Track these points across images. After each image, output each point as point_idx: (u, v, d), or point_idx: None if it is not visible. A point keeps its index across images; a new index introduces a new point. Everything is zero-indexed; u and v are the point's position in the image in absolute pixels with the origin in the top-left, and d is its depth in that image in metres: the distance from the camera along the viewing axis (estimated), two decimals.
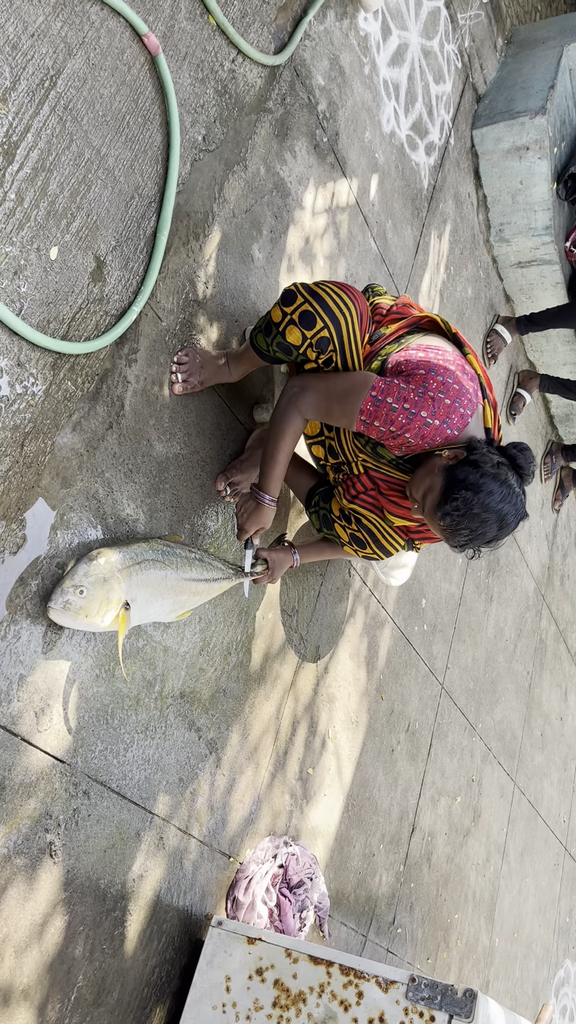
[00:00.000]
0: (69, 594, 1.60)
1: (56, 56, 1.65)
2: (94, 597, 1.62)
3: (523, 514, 1.79)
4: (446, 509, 1.73)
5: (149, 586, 1.77)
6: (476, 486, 1.70)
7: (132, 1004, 1.84)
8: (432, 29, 3.23)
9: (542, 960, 4.66)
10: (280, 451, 1.90)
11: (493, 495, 1.71)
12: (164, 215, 1.89)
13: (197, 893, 2.04)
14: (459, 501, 1.71)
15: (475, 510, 1.71)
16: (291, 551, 2.19)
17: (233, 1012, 1.84)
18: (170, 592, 1.84)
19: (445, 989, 1.69)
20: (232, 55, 2.13)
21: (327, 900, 2.46)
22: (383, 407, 1.73)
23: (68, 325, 1.68)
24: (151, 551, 1.79)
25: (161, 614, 1.85)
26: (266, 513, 1.99)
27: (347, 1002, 1.76)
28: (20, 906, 1.57)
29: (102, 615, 1.65)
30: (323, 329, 1.78)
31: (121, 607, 1.70)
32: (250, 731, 2.26)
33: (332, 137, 2.60)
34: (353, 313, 1.79)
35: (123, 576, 1.69)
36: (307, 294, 1.78)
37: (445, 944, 3.46)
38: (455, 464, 1.75)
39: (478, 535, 1.75)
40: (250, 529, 2.03)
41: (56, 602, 1.59)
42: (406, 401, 1.71)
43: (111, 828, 1.78)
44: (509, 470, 1.76)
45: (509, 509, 1.74)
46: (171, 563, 1.83)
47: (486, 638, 4.01)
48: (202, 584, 1.92)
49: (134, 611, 1.74)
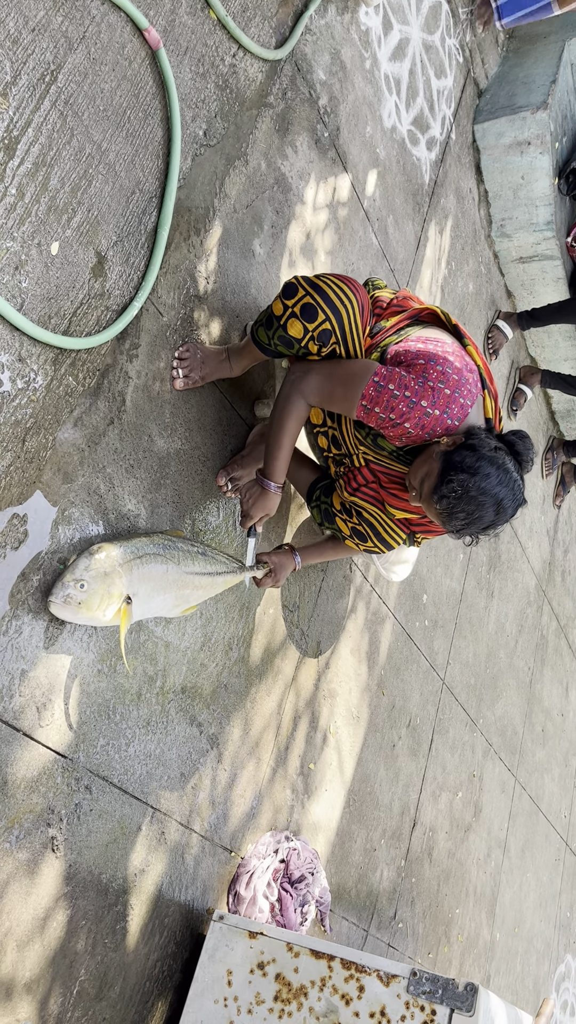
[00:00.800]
0: (70, 588, 1.59)
1: (57, 51, 1.65)
2: (95, 591, 1.62)
3: (521, 500, 1.78)
4: (443, 492, 1.72)
5: (151, 580, 1.77)
6: (473, 469, 1.69)
7: (134, 998, 1.84)
8: (433, 23, 3.23)
9: (543, 955, 4.67)
10: (284, 436, 1.90)
11: (490, 478, 1.70)
12: (165, 210, 1.89)
13: (199, 888, 2.05)
14: (455, 483, 1.69)
15: (472, 493, 1.70)
16: (292, 554, 2.19)
17: (235, 1006, 1.85)
18: (172, 586, 1.84)
19: (446, 983, 1.69)
20: (233, 50, 2.13)
21: (328, 895, 2.47)
22: (385, 393, 1.72)
23: (69, 320, 1.68)
24: (152, 545, 1.79)
25: (164, 609, 1.85)
26: (271, 500, 1.99)
27: (348, 996, 1.77)
28: (22, 900, 1.58)
29: (103, 609, 1.64)
30: (325, 321, 1.78)
31: (123, 601, 1.70)
32: (251, 726, 2.27)
33: (333, 132, 2.59)
34: (355, 305, 1.79)
35: (124, 570, 1.69)
36: (308, 287, 1.78)
37: (446, 939, 3.47)
38: (453, 449, 1.75)
39: (475, 519, 1.74)
40: (255, 515, 2.02)
41: (57, 596, 1.59)
42: (407, 389, 1.71)
43: (113, 823, 1.79)
44: (507, 455, 1.75)
45: (506, 493, 1.73)
46: (173, 557, 1.83)
47: (487, 634, 4.01)
48: (205, 578, 1.92)
49: (136, 605, 1.74)
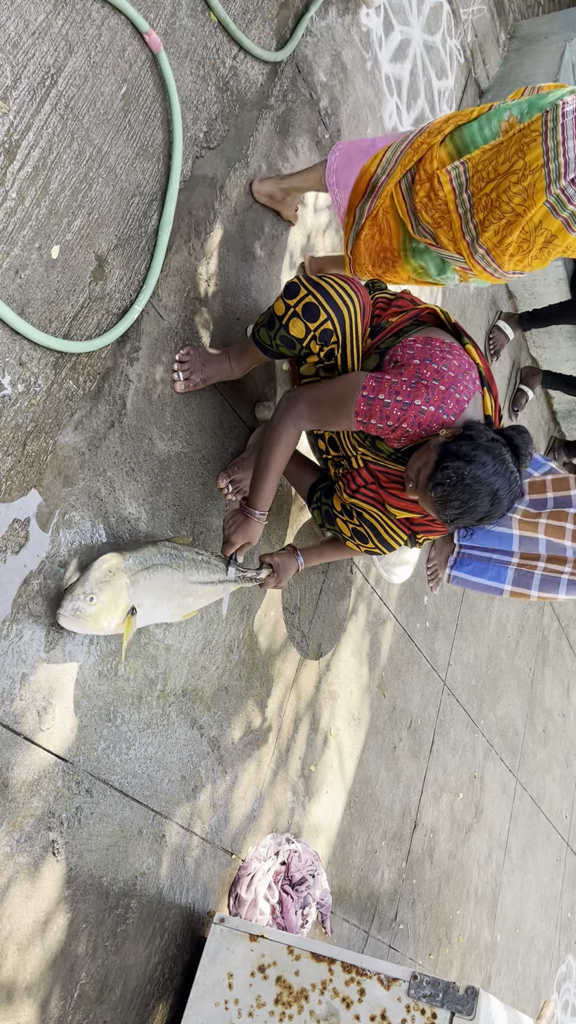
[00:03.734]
0: (79, 601, 1.61)
1: (57, 54, 1.65)
2: (104, 604, 1.64)
3: (517, 492, 1.76)
4: (438, 479, 1.70)
5: (156, 590, 1.78)
6: (469, 456, 1.68)
7: (135, 1001, 1.84)
8: (434, 24, 3.22)
9: (544, 955, 4.67)
10: (272, 466, 1.89)
11: (486, 467, 1.69)
12: (166, 213, 1.89)
13: (199, 890, 2.05)
14: (451, 470, 1.68)
15: (467, 480, 1.68)
16: (295, 555, 2.18)
17: (235, 1009, 1.85)
18: (176, 595, 1.85)
19: (447, 987, 1.69)
20: (234, 52, 2.13)
21: (329, 897, 2.47)
22: (376, 404, 1.72)
23: (70, 324, 1.68)
24: (159, 555, 1.80)
25: (166, 615, 1.86)
26: (254, 528, 1.96)
27: (349, 999, 1.77)
28: (23, 904, 1.58)
29: (109, 620, 1.67)
30: (327, 321, 1.78)
31: (128, 612, 1.71)
32: (252, 728, 2.27)
33: (334, 133, 2.59)
34: (356, 305, 1.79)
35: (131, 581, 1.71)
36: (310, 286, 1.77)
37: (447, 940, 3.47)
38: (450, 440, 1.75)
39: (469, 508, 1.72)
40: (237, 542, 1.97)
41: (66, 609, 1.61)
42: (398, 394, 1.71)
43: (113, 826, 1.79)
44: (505, 447, 1.75)
45: (502, 484, 1.72)
46: (179, 566, 1.84)
47: (488, 635, 4.01)
48: (208, 587, 1.93)
49: (140, 615, 1.76)
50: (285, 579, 2.15)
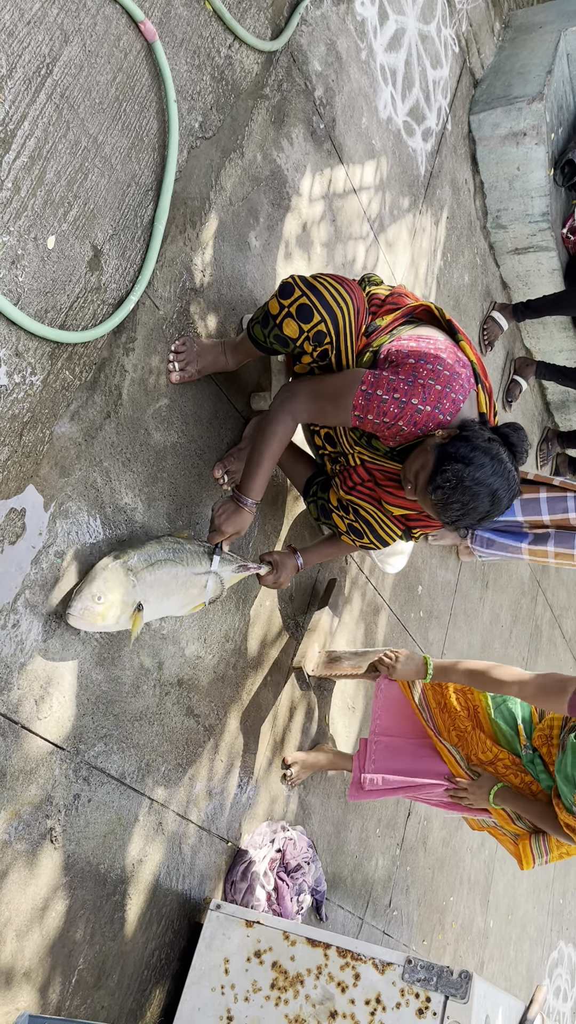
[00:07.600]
0: (87, 601, 1.64)
1: (52, 43, 1.64)
2: (112, 603, 1.67)
3: (515, 491, 1.78)
4: (437, 482, 1.72)
5: (162, 585, 1.80)
6: (467, 459, 1.70)
7: (132, 986, 1.86)
8: (429, 13, 3.21)
9: (536, 941, 4.72)
10: (267, 455, 1.89)
11: (484, 468, 1.70)
12: (162, 203, 1.88)
13: (196, 877, 2.07)
14: (450, 473, 1.70)
15: (466, 483, 1.70)
16: (294, 554, 2.19)
17: (232, 993, 1.87)
18: (181, 588, 1.86)
19: (441, 971, 1.72)
20: (229, 41, 2.12)
21: (324, 883, 2.49)
22: (374, 400, 1.73)
23: (66, 314, 1.68)
24: (163, 551, 1.82)
25: (172, 610, 1.88)
26: (244, 517, 1.93)
27: (344, 984, 1.79)
28: (21, 890, 1.59)
29: (116, 618, 1.70)
30: (320, 323, 1.78)
31: (134, 608, 1.73)
32: (248, 717, 2.28)
33: (329, 123, 2.59)
34: (350, 307, 1.80)
35: (138, 579, 1.73)
36: (305, 287, 1.78)
37: (441, 926, 3.50)
38: (448, 441, 1.75)
39: (470, 509, 1.74)
40: (226, 531, 1.93)
41: (75, 609, 1.63)
42: (396, 391, 1.72)
43: (110, 814, 1.80)
44: (501, 446, 1.76)
45: (501, 484, 1.74)
46: (182, 560, 1.85)
47: (482, 624, 4.04)
48: (212, 579, 1.95)
49: (147, 610, 1.78)
50: (285, 577, 2.15)
